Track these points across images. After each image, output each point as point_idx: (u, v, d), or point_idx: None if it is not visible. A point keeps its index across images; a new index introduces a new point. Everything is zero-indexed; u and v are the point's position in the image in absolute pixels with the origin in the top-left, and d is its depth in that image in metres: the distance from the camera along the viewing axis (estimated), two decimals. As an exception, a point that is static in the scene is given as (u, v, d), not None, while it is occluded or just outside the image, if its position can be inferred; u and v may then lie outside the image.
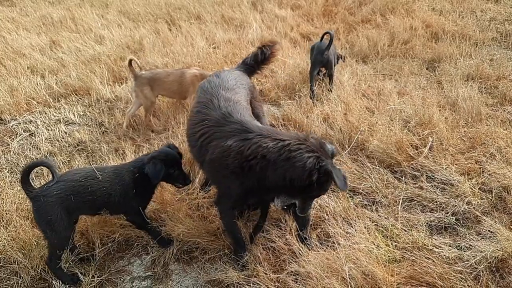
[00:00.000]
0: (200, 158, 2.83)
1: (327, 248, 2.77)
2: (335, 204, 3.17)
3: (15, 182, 3.62)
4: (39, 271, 2.80)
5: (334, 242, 2.82)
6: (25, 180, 2.65)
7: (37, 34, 7.48)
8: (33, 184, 2.75)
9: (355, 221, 3.00)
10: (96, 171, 2.84)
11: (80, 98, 5.09)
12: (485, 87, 4.96)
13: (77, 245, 2.98)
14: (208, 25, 7.51)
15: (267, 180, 2.44)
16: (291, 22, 7.55)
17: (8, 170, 3.85)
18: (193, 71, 4.52)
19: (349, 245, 2.69)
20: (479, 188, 3.32)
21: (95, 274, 2.83)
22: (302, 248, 2.74)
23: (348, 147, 3.85)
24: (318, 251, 2.71)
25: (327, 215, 3.10)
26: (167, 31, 7.21)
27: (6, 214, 3.13)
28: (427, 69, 5.64)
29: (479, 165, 3.52)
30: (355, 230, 2.87)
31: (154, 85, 4.43)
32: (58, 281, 2.75)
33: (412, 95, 4.74)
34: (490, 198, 3.19)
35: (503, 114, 4.28)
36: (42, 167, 3.55)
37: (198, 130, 2.82)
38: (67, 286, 2.74)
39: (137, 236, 3.13)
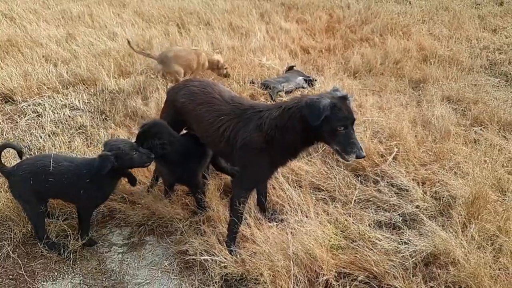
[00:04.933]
0: (228, 148, 3.07)
1: (282, 231, 3.14)
2: (298, 198, 3.54)
3: (18, 154, 4.06)
4: (29, 229, 3.22)
5: (289, 228, 3.18)
6: None
7: (55, 27, 8.01)
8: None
9: (311, 212, 3.35)
10: (51, 163, 2.98)
11: (87, 87, 5.55)
12: (462, 109, 5.32)
13: (65, 212, 3.40)
14: (216, 31, 7.95)
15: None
16: (294, 35, 7.98)
17: (15, 144, 4.29)
18: (203, 53, 5.67)
19: (299, 229, 3.05)
20: (431, 196, 3.67)
21: (77, 237, 3.24)
22: (260, 230, 3.11)
23: (321, 151, 4.23)
24: (273, 233, 3.08)
25: (290, 206, 3.47)
26: (176, 33, 7.68)
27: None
28: (412, 88, 6.01)
29: (436, 176, 3.87)
30: (308, 218, 3.22)
31: (180, 61, 5.35)
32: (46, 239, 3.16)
33: (391, 111, 5.10)
34: (438, 204, 3.54)
35: (470, 134, 4.62)
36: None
37: (219, 126, 3.08)
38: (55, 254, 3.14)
39: (119, 210, 3.52)
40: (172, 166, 3.36)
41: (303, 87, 5.82)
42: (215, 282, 2.88)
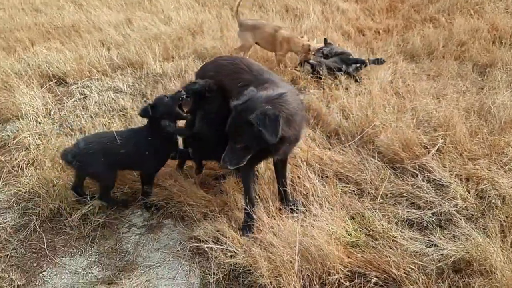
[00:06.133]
0: None
1: (297, 223, 2.96)
2: (323, 189, 3.33)
3: (61, 134, 4.27)
4: (56, 206, 3.36)
5: (307, 221, 3.00)
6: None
7: (116, 12, 8.34)
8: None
9: (334, 204, 3.13)
10: (116, 135, 3.25)
11: (133, 70, 5.69)
12: (534, 97, 4.68)
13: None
14: (269, 14, 7.76)
15: None
16: (351, 15, 7.55)
17: (59, 124, 4.53)
18: (284, 32, 5.52)
19: (315, 223, 2.86)
20: (475, 194, 3.26)
21: (101, 217, 3.33)
22: (275, 220, 2.98)
23: (358, 139, 3.94)
24: (287, 224, 2.92)
25: (312, 197, 3.27)
26: (229, 16, 7.61)
27: (43, 158, 3.75)
28: (476, 73, 5.40)
29: (484, 172, 3.43)
30: (328, 211, 3.01)
31: (255, 32, 5.50)
32: (71, 216, 3.28)
33: (445, 98, 4.62)
34: (481, 204, 3.13)
35: (537, 126, 4.05)
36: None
37: (237, 92, 3.03)
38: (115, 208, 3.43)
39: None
40: (210, 126, 3.32)
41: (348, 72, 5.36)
42: (222, 271, 2.80)
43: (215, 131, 3.20)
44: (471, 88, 4.94)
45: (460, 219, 2.97)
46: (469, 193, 3.25)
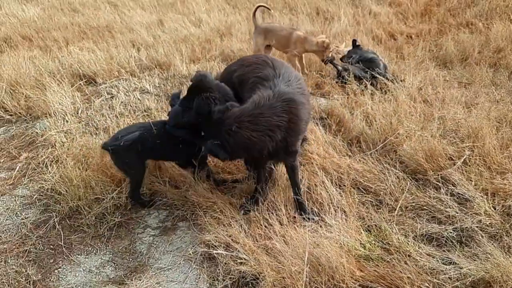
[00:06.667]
0: None
1: (308, 233, 2.90)
2: (339, 198, 3.25)
3: (86, 133, 4.38)
4: (75, 204, 3.44)
5: (319, 231, 2.94)
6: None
7: (150, 13, 8.50)
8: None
9: (349, 215, 3.05)
10: (153, 128, 3.39)
11: (161, 72, 5.77)
12: None
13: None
14: (300, 16, 7.71)
15: None
16: (383, 19, 7.38)
17: (85, 123, 4.64)
18: (299, 33, 5.44)
19: (327, 234, 2.79)
20: (502, 210, 3.10)
21: (117, 216, 3.38)
22: (282, 226, 2.94)
23: (381, 148, 3.83)
24: (299, 233, 2.86)
25: (328, 206, 3.21)
26: (259, 18, 7.59)
27: (67, 156, 3.85)
28: (514, 81, 5.14)
29: (513, 187, 3.25)
30: (343, 221, 2.93)
31: (268, 35, 5.52)
32: (88, 215, 3.35)
33: (477, 107, 4.42)
34: (508, 222, 2.97)
35: None
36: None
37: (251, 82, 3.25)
38: (146, 209, 3.49)
39: (160, 193, 3.60)
40: None
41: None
42: (231, 278, 2.78)
43: None
44: (506, 97, 4.70)
45: (483, 236, 2.83)
46: (495, 209, 3.09)
